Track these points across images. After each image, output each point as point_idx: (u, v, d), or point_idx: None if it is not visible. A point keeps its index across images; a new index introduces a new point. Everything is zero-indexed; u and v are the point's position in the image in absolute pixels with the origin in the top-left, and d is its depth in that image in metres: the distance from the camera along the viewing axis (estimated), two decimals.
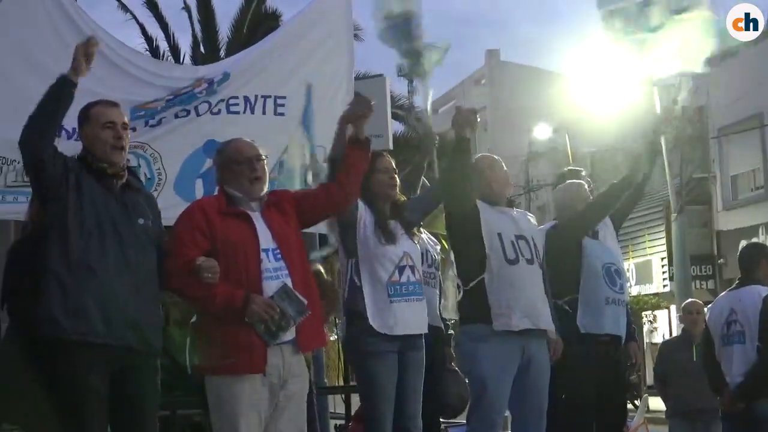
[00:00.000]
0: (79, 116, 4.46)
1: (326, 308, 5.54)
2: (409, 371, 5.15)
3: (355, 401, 6.46)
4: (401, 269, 5.14)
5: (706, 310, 7.47)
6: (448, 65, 6.65)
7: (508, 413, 5.53)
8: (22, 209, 5.36)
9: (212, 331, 4.35)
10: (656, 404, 12.08)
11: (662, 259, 25.33)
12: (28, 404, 4.65)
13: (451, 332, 6.09)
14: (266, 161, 4.59)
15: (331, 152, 5.25)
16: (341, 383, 8.52)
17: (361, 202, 5.15)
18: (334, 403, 9.48)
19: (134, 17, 18.58)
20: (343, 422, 8.14)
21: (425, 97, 6.84)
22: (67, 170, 4.27)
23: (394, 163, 5.43)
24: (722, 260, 24.06)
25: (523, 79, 42.10)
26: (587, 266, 5.95)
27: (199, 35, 18.69)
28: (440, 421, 6.49)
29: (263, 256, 4.34)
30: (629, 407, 7.14)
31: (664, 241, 24.28)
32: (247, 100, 6.71)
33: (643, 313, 24.92)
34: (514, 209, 5.61)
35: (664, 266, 25.21)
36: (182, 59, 18.39)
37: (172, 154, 6.50)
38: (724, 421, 6.65)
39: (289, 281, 4.33)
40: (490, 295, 5.25)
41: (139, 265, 4.32)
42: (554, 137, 33.65)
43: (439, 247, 6.13)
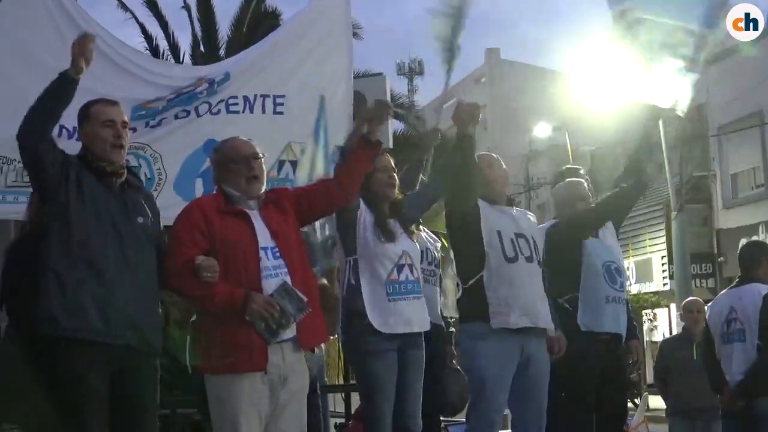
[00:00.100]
0: (79, 114, 4.46)
1: (329, 324, 5.56)
2: (408, 370, 5.15)
3: (355, 400, 6.45)
4: (400, 268, 5.14)
5: (706, 308, 7.47)
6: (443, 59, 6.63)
7: (507, 411, 5.53)
8: (22, 209, 5.35)
9: (212, 329, 4.35)
10: (656, 403, 12.10)
11: (662, 257, 25.33)
12: (27, 404, 4.65)
13: (452, 330, 6.09)
14: (263, 159, 4.59)
15: (345, 142, 5.23)
16: (341, 382, 8.51)
17: (361, 200, 5.15)
18: (334, 401, 9.49)
19: (134, 16, 18.62)
20: (343, 421, 8.14)
21: (444, 92, 6.84)
22: (67, 167, 4.26)
23: (393, 162, 5.42)
24: (722, 258, 24.06)
25: (523, 77, 42.11)
26: (587, 264, 5.95)
27: (198, 34, 18.69)
28: (441, 419, 6.49)
29: (262, 254, 4.33)
30: (629, 406, 7.14)
31: (664, 239, 24.28)
32: (246, 99, 6.71)
33: (643, 311, 24.92)
34: (513, 208, 5.60)
35: (664, 264, 25.21)
36: (182, 58, 18.41)
37: (172, 154, 6.50)
38: (724, 419, 6.65)
39: (288, 279, 4.32)
40: (488, 292, 5.25)
41: (138, 264, 4.32)
42: (554, 135, 33.66)
43: (439, 244, 6.14)
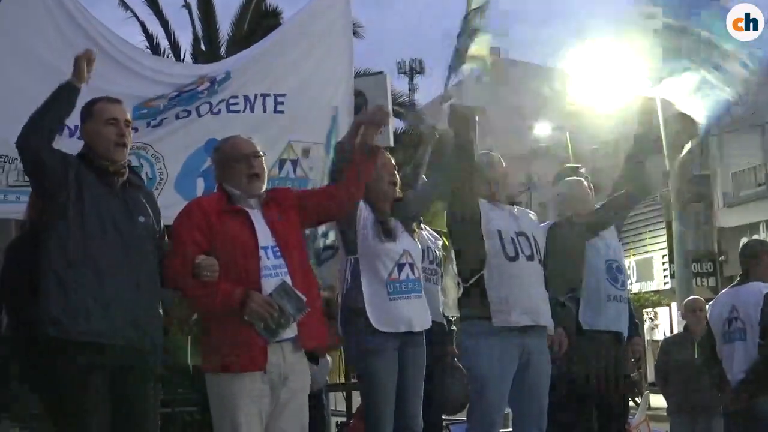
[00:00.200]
0: (81, 112, 4.44)
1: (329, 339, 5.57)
2: (409, 368, 5.14)
3: (356, 399, 6.45)
4: (401, 267, 5.13)
5: (707, 307, 7.47)
6: (448, 63, 6.64)
7: (508, 410, 5.53)
8: (24, 209, 5.33)
9: (213, 329, 4.35)
10: (657, 401, 12.10)
11: (663, 256, 25.36)
12: (27, 403, 4.65)
13: (453, 328, 6.08)
14: (264, 158, 4.59)
15: (341, 140, 5.21)
16: (342, 381, 8.52)
17: (361, 200, 5.14)
18: (335, 400, 9.49)
19: (135, 15, 18.61)
20: (344, 420, 8.15)
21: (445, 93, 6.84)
22: (67, 168, 4.25)
23: (393, 160, 5.41)
24: (723, 257, 24.09)
25: (524, 76, 42.06)
26: (589, 263, 5.95)
27: (199, 33, 18.69)
28: (442, 418, 6.49)
29: (262, 253, 4.32)
30: (630, 404, 7.13)
31: (664, 238, 24.31)
32: (246, 99, 6.70)
33: (644, 310, 24.93)
34: (514, 206, 5.60)
35: (665, 264, 25.25)
36: (183, 57, 18.40)
37: (174, 154, 6.49)
38: (725, 418, 6.65)
39: (288, 279, 4.31)
40: (489, 291, 5.24)
41: (139, 263, 4.31)
42: (555, 135, 33.62)
43: (440, 242, 6.12)
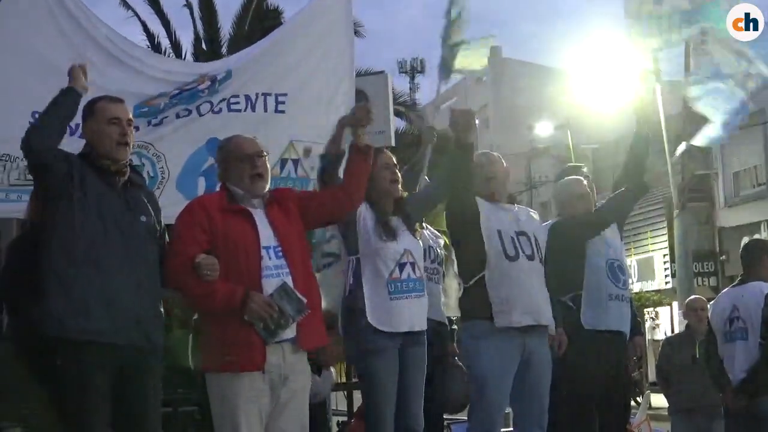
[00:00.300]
0: (83, 111, 4.45)
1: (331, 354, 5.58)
2: (410, 368, 5.14)
3: (357, 398, 6.45)
4: (402, 266, 5.12)
5: (708, 306, 7.47)
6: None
7: (509, 409, 5.52)
8: (25, 208, 5.35)
9: (213, 328, 4.35)
10: (658, 401, 12.10)
11: (664, 255, 25.35)
12: (28, 403, 4.65)
13: (454, 327, 6.08)
14: (267, 158, 4.59)
15: (324, 149, 5.21)
16: (343, 380, 8.52)
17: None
18: (336, 399, 9.49)
19: (136, 14, 18.60)
20: (345, 419, 8.15)
21: (437, 93, 6.87)
22: (71, 168, 4.26)
23: (395, 159, 5.41)
24: (724, 257, 24.08)
25: (525, 76, 42.09)
26: (590, 263, 5.94)
27: (200, 32, 18.68)
28: (443, 417, 6.49)
29: (264, 253, 4.32)
30: (631, 404, 7.13)
31: (665, 237, 24.30)
32: (248, 98, 6.69)
33: (645, 309, 24.92)
34: (515, 205, 5.59)
35: (666, 263, 25.23)
36: (184, 56, 18.39)
37: (175, 153, 6.49)
38: (726, 417, 6.64)
39: (289, 279, 4.31)
40: (490, 291, 5.23)
41: (141, 262, 4.31)
42: (556, 134, 33.64)
43: (442, 241, 6.12)
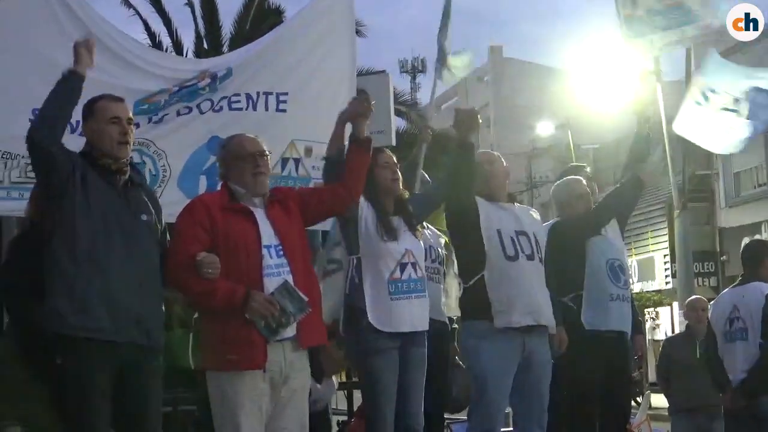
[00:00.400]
0: (83, 110, 4.45)
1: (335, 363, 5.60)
2: (410, 368, 5.13)
3: (357, 397, 6.45)
4: (403, 266, 5.12)
5: (709, 306, 7.47)
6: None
7: (509, 409, 5.52)
8: (26, 206, 5.35)
9: (213, 327, 4.35)
10: (659, 401, 12.10)
11: (665, 256, 25.34)
12: (28, 402, 4.64)
13: (455, 327, 6.08)
14: (269, 157, 4.59)
15: (327, 150, 5.22)
16: (343, 380, 8.51)
17: (362, 198, 5.13)
18: (336, 399, 9.47)
19: (137, 13, 18.61)
20: (345, 418, 8.14)
21: (432, 93, 6.89)
22: (73, 166, 4.26)
23: (395, 158, 5.41)
24: (725, 257, 24.07)
25: (525, 75, 42.11)
26: (591, 263, 5.93)
27: (202, 31, 18.70)
28: (444, 417, 6.48)
29: (265, 252, 4.32)
30: (631, 404, 7.13)
31: (666, 238, 24.28)
32: (248, 97, 6.69)
33: (645, 310, 24.91)
34: (515, 204, 5.58)
35: (666, 263, 25.22)
36: (185, 55, 18.40)
37: (176, 151, 6.48)
38: (726, 417, 6.64)
39: (290, 278, 4.31)
40: (490, 291, 5.23)
41: (142, 261, 4.32)
42: (557, 134, 33.65)
43: (443, 241, 6.12)
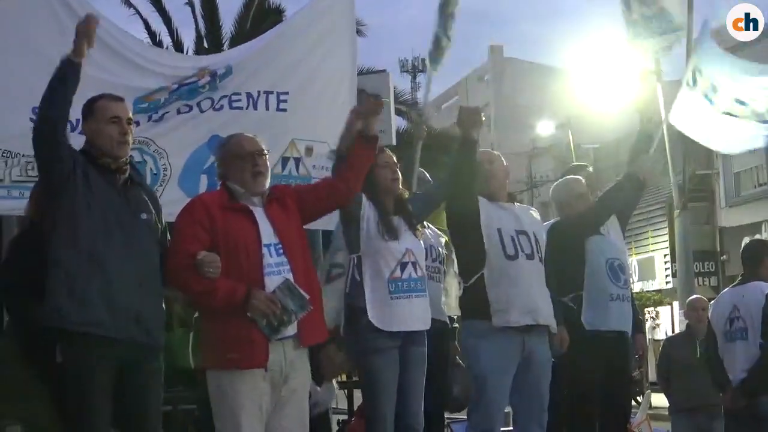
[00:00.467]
0: (83, 109, 4.45)
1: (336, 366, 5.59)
2: (410, 367, 5.14)
3: (357, 396, 6.45)
4: (403, 265, 5.12)
5: (709, 306, 7.46)
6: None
7: (509, 408, 5.52)
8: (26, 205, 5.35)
9: (214, 326, 4.35)
10: (659, 400, 12.11)
11: (665, 255, 25.34)
12: (28, 401, 4.64)
13: (455, 326, 6.08)
14: (268, 156, 4.59)
15: (337, 146, 5.22)
16: (343, 379, 8.51)
17: (364, 197, 5.14)
18: (336, 398, 9.48)
19: (138, 12, 18.58)
20: (345, 417, 8.14)
21: (427, 88, 6.89)
22: (75, 162, 4.28)
23: (395, 158, 5.41)
24: (725, 257, 24.07)
25: (526, 75, 42.09)
26: (590, 263, 5.92)
27: (202, 30, 18.66)
28: (444, 416, 6.48)
29: (265, 251, 4.32)
30: (632, 403, 7.13)
31: (666, 237, 24.28)
32: (249, 96, 6.69)
33: (645, 309, 24.91)
34: (515, 204, 5.58)
35: (666, 263, 25.22)
36: (186, 54, 18.37)
37: (176, 150, 6.48)
38: (726, 417, 6.64)
39: (290, 276, 4.31)
40: (489, 290, 5.23)
41: (142, 260, 4.32)
42: (557, 133, 33.63)
43: (443, 240, 6.12)
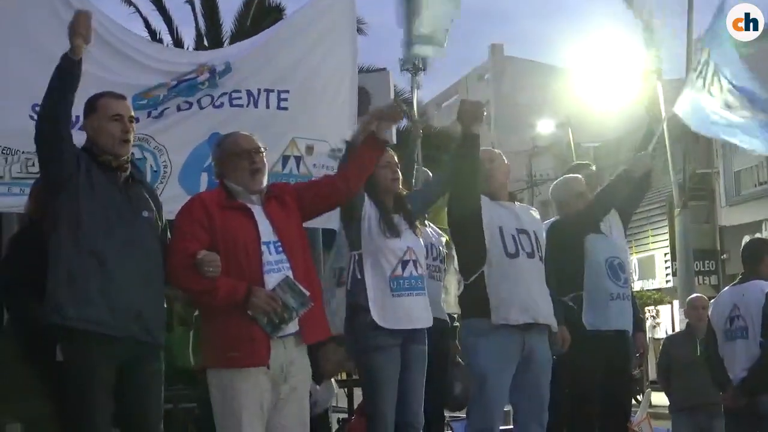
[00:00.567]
0: (85, 106, 4.45)
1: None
2: (411, 365, 5.14)
3: (357, 395, 6.45)
4: (404, 264, 5.12)
5: (709, 305, 7.46)
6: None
7: (509, 407, 5.52)
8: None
9: (215, 324, 4.34)
10: (659, 399, 12.10)
11: (665, 254, 25.34)
12: (29, 400, 4.65)
13: (456, 324, 6.08)
14: (265, 154, 4.58)
15: (352, 137, 5.19)
16: (344, 377, 8.51)
17: (366, 196, 5.14)
18: (336, 396, 9.48)
19: (138, 11, 18.58)
20: (345, 416, 8.15)
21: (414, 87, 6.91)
22: (78, 159, 4.28)
23: (396, 157, 5.41)
24: (725, 256, 24.07)
25: (526, 73, 42.06)
26: (590, 262, 5.92)
27: (202, 29, 18.66)
28: (444, 415, 6.48)
29: (264, 249, 4.32)
30: (632, 402, 7.13)
31: (667, 236, 24.27)
32: (249, 94, 6.68)
33: (645, 308, 24.92)
34: (516, 203, 5.58)
35: (667, 261, 25.23)
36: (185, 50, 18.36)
37: (176, 146, 6.47)
38: (726, 416, 6.64)
39: (290, 274, 4.31)
40: (489, 288, 5.23)
41: (144, 258, 4.32)
42: (557, 132, 33.62)
43: (444, 239, 6.12)
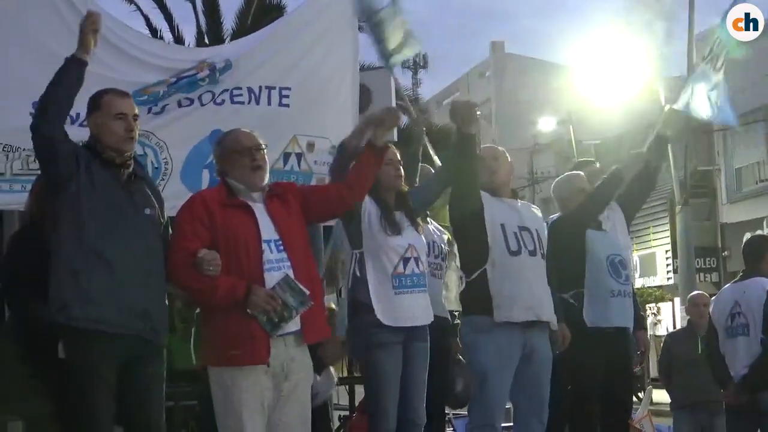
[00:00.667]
0: (88, 103, 4.45)
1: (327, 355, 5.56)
2: (413, 362, 5.14)
3: (359, 392, 6.46)
4: (406, 261, 5.12)
5: (710, 302, 7.46)
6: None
7: (510, 405, 5.52)
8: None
9: (215, 323, 4.34)
10: (660, 396, 12.12)
11: (666, 251, 25.36)
12: (29, 398, 4.65)
13: (457, 322, 6.08)
14: (266, 151, 4.58)
15: (346, 139, 5.18)
16: (345, 374, 8.53)
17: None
18: (338, 394, 9.49)
19: (139, 9, 18.59)
20: (347, 413, 8.16)
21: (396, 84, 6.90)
22: (78, 157, 4.27)
23: (399, 154, 5.40)
24: (726, 253, 24.09)
25: (527, 71, 42.06)
26: (591, 259, 5.91)
27: (203, 27, 18.67)
28: (445, 412, 6.49)
29: (265, 247, 4.32)
30: (633, 399, 7.12)
31: (668, 233, 24.30)
32: (251, 91, 6.68)
33: (647, 305, 24.92)
34: (518, 200, 5.58)
35: (668, 259, 25.24)
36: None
37: (178, 143, 6.47)
38: (727, 413, 6.65)
39: (291, 273, 4.31)
40: (491, 286, 5.22)
41: (146, 255, 4.32)
42: (559, 129, 33.63)
43: (446, 236, 6.12)
